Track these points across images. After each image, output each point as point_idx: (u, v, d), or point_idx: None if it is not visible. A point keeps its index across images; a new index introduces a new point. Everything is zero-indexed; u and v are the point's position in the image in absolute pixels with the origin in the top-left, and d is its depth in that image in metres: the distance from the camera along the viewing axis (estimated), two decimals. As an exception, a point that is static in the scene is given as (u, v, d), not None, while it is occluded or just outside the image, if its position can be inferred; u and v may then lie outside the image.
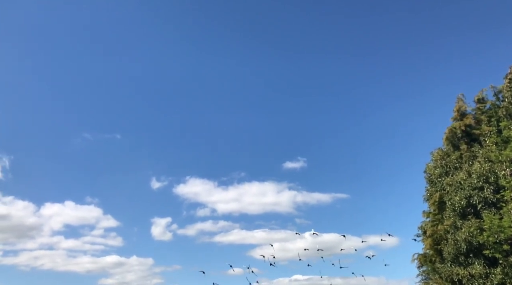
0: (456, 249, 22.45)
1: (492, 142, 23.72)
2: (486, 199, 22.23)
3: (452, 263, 22.92)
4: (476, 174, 22.74)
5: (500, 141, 23.37)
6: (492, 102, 26.29)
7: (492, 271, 21.15)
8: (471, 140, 25.62)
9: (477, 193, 22.48)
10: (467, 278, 21.87)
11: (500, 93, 25.68)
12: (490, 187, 22.28)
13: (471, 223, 22.00)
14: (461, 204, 22.94)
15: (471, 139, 25.65)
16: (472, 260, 22.11)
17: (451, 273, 22.69)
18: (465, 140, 25.79)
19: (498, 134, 24.01)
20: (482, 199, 22.30)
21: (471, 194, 22.64)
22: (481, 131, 25.27)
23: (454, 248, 22.51)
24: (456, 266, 22.67)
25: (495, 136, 23.88)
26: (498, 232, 20.07)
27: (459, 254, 22.49)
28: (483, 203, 22.28)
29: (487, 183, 22.39)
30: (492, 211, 21.56)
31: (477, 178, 22.65)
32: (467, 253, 22.24)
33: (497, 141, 23.56)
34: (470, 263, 22.15)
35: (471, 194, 22.66)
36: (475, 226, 21.66)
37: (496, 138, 23.74)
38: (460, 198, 23.01)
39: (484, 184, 22.44)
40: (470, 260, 22.21)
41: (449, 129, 26.42)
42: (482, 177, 22.53)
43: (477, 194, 22.47)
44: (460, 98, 26.99)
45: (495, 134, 24.10)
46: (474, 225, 21.72)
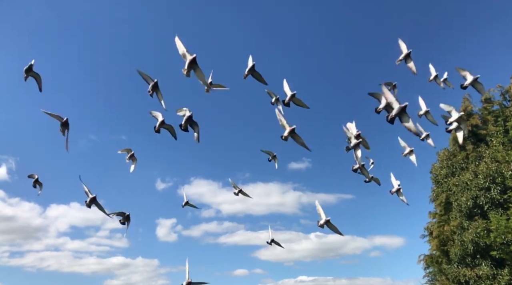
0: (463, 250, 22.32)
1: (499, 142, 23.58)
2: (493, 199, 22.07)
3: (459, 264, 22.79)
4: (483, 175, 22.58)
5: (507, 141, 23.23)
6: (499, 102, 26.10)
7: (500, 272, 21.01)
8: (478, 140, 25.46)
9: (484, 194, 22.33)
10: (474, 279, 21.73)
11: (507, 93, 25.51)
12: (497, 187, 22.12)
13: (478, 224, 21.86)
14: (467, 205, 22.80)
15: (477, 139, 25.49)
16: (479, 261, 21.96)
17: (458, 274, 22.55)
18: (472, 140, 25.63)
19: (505, 134, 23.86)
20: (489, 199, 22.15)
21: (478, 194, 22.49)
22: (487, 131, 25.10)
23: (461, 249, 22.38)
24: (463, 267, 22.53)
25: (502, 136, 23.73)
26: (505, 233, 19.93)
27: (466, 255, 22.35)
28: (490, 203, 22.13)
29: (494, 183, 22.23)
30: (499, 212, 21.41)
31: (483, 179, 22.49)
32: (474, 254, 22.10)
33: (503, 141, 23.41)
34: (477, 264, 22.00)
35: (477, 195, 22.50)
36: (482, 227, 21.51)
37: (503, 138, 23.58)
38: (466, 198, 22.87)
39: (491, 184, 22.28)
40: (477, 261, 22.06)
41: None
42: (488, 177, 22.37)
43: (483, 195, 22.32)
44: (466, 98, 26.82)
45: (502, 134, 23.95)
46: (481, 226, 21.58)
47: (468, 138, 25.82)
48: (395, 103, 7.20)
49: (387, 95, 7.38)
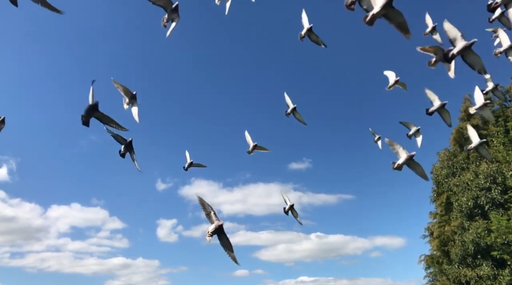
0: (464, 251, 22.29)
1: (500, 142, 23.58)
2: (494, 199, 22.06)
3: (460, 264, 22.76)
4: (484, 175, 22.56)
5: (508, 141, 23.23)
6: (499, 102, 26.10)
7: (500, 272, 20.98)
8: (478, 140, 25.44)
9: (485, 194, 22.31)
10: (475, 279, 21.70)
11: (508, 93, 25.49)
12: (497, 187, 22.11)
13: (479, 224, 21.84)
14: (468, 205, 22.78)
15: (478, 140, 25.47)
16: (479, 261, 21.93)
17: (458, 274, 22.53)
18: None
19: (506, 134, 23.86)
20: (490, 199, 22.13)
21: (478, 194, 22.48)
22: (488, 131, 25.08)
23: (462, 249, 22.36)
24: (463, 267, 22.51)
25: (502, 136, 23.73)
26: (506, 233, 19.94)
27: (466, 255, 22.32)
28: (490, 203, 22.11)
29: (494, 183, 22.22)
30: (500, 212, 21.41)
31: (484, 179, 22.48)
32: (475, 255, 22.07)
33: (504, 141, 23.41)
34: (478, 264, 21.97)
35: (478, 195, 22.49)
36: (482, 227, 21.50)
37: (503, 138, 23.58)
38: (467, 199, 22.85)
39: (491, 184, 22.27)
40: (477, 262, 22.03)
41: (456, 129, 26.26)
42: (489, 177, 22.36)
43: (484, 195, 22.30)
44: (467, 98, 26.80)
45: (502, 134, 23.95)
46: (481, 226, 21.56)
47: (468, 138, 25.81)
48: (460, 39, 5.97)
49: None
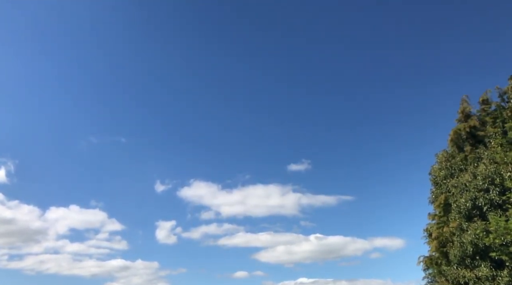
0: (462, 252, 22.32)
1: (497, 143, 23.63)
2: (492, 201, 22.09)
3: (458, 265, 22.79)
4: (482, 176, 22.62)
5: (506, 143, 23.27)
6: (497, 103, 26.18)
7: (499, 273, 21.00)
8: (476, 141, 25.53)
9: (483, 195, 22.35)
10: (473, 280, 21.73)
11: (505, 94, 25.56)
12: (495, 188, 22.13)
13: (477, 225, 21.87)
14: (466, 206, 22.83)
15: (476, 141, 25.56)
16: (478, 262, 21.95)
17: (457, 275, 22.56)
18: (470, 141, 25.69)
19: (503, 135, 23.91)
20: (488, 201, 22.17)
21: (477, 196, 22.52)
22: (486, 132, 25.18)
23: (460, 250, 22.39)
24: (462, 268, 22.54)
25: (500, 138, 23.78)
26: (504, 234, 19.95)
27: (465, 256, 22.35)
28: (489, 205, 22.14)
29: (492, 184, 22.25)
30: (498, 213, 21.43)
31: (482, 180, 22.52)
32: (473, 256, 22.10)
33: (502, 142, 23.46)
34: (477, 265, 21.99)
35: (476, 196, 22.53)
36: (481, 228, 21.52)
37: (501, 139, 23.63)
38: (465, 200, 22.91)
39: (489, 185, 22.30)
40: (476, 263, 22.05)
41: (454, 130, 26.36)
42: (487, 178, 22.40)
43: (482, 196, 22.35)
44: (464, 99, 26.92)
45: (500, 136, 24.00)
46: (480, 227, 21.59)
47: (466, 140, 25.92)
48: None
49: None
